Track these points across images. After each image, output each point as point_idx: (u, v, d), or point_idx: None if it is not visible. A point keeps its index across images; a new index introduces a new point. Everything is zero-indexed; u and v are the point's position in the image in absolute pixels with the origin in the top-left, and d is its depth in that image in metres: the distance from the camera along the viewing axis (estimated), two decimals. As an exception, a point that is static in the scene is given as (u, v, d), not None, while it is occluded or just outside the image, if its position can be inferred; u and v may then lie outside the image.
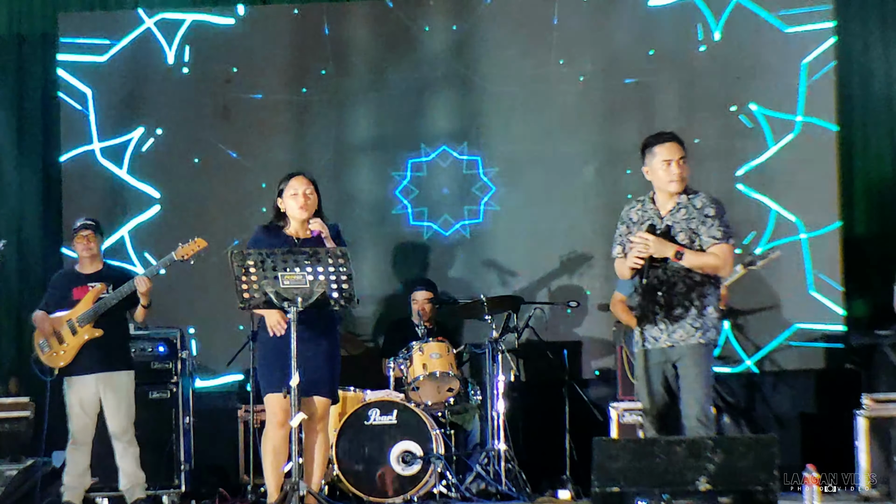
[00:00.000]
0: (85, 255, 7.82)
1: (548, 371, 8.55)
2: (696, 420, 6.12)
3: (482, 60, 9.40)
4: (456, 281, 9.35)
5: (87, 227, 7.83)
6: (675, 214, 6.26)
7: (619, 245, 6.42)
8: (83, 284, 7.74)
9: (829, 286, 8.99)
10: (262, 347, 6.76)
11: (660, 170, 6.28)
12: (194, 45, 9.46)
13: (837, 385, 8.82)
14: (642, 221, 6.31)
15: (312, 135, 9.48)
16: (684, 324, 6.19)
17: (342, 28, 9.45)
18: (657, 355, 6.25)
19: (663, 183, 6.28)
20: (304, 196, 6.64)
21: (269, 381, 6.61)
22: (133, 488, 7.72)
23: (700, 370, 6.19)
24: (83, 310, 7.64)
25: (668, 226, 6.23)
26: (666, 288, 6.19)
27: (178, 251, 7.56)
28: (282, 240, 6.62)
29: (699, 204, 6.27)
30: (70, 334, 7.64)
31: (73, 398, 7.66)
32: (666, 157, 6.27)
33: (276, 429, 6.60)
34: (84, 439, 7.68)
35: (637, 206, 6.40)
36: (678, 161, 6.26)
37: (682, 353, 6.19)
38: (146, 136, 9.41)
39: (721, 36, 9.18)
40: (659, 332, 6.22)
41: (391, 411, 7.97)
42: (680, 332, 6.19)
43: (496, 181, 9.36)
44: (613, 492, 5.60)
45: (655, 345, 6.23)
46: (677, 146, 6.30)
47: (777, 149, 9.09)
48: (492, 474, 7.97)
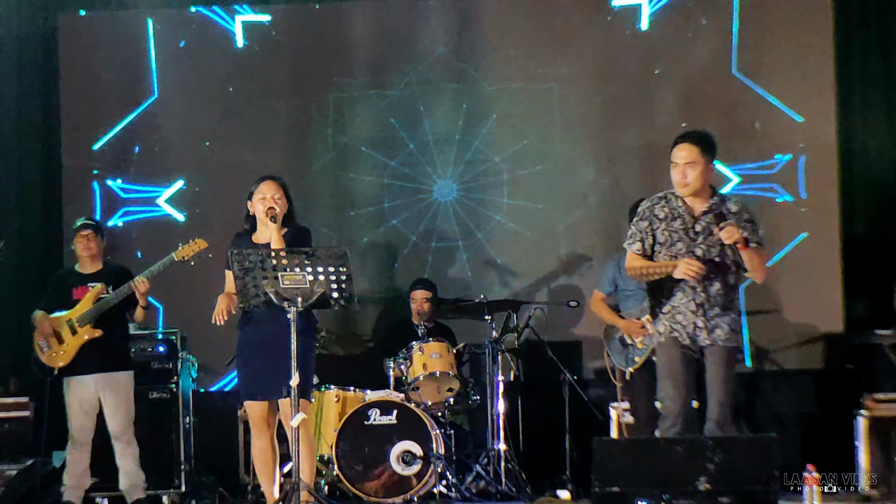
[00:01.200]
0: (85, 255, 7.82)
1: (548, 371, 8.55)
2: (716, 423, 6.11)
3: (482, 60, 9.41)
4: (456, 281, 9.36)
5: (87, 227, 7.83)
6: (708, 215, 6.20)
7: (639, 241, 6.29)
8: (83, 284, 7.74)
9: (829, 286, 8.99)
10: (238, 355, 6.74)
11: (672, 170, 6.26)
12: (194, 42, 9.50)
13: (837, 385, 8.82)
14: (672, 219, 6.23)
15: (312, 135, 9.48)
16: (722, 324, 6.17)
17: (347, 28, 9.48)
18: (689, 348, 6.20)
19: (674, 184, 6.26)
20: (271, 200, 6.63)
21: (245, 388, 6.63)
22: (133, 488, 7.72)
23: (729, 373, 6.18)
24: (83, 310, 7.64)
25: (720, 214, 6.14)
26: (702, 287, 6.17)
27: (178, 252, 7.55)
28: (250, 247, 6.58)
29: (734, 208, 6.23)
30: (70, 334, 7.64)
31: (72, 398, 7.66)
32: (673, 159, 6.24)
33: (257, 437, 6.64)
34: (84, 439, 7.68)
35: (661, 203, 6.29)
36: (683, 166, 6.19)
37: (715, 353, 6.17)
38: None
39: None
40: (696, 330, 6.18)
41: (391, 411, 7.97)
42: (718, 332, 6.17)
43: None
44: (613, 492, 5.61)
45: (687, 341, 6.20)
46: (685, 150, 6.20)
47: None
48: (492, 474, 7.98)
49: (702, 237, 6.19)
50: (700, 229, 6.18)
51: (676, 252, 6.20)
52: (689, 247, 6.18)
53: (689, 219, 6.20)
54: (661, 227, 6.23)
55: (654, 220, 6.27)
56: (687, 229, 6.18)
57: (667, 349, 6.26)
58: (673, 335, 6.21)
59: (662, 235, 6.23)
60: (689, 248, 6.18)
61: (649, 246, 6.27)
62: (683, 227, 6.19)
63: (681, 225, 6.20)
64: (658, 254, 6.24)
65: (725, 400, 6.14)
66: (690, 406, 6.27)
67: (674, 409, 6.18)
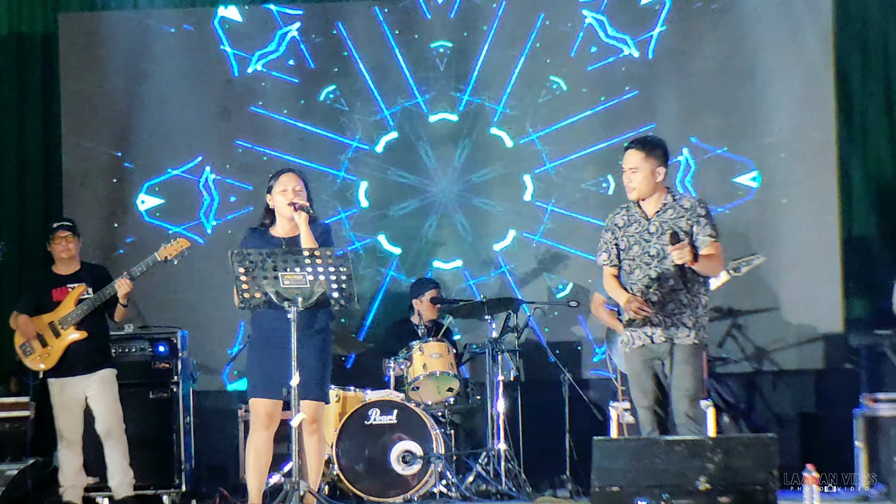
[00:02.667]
0: (63, 256, 7.80)
1: (548, 371, 8.55)
2: (685, 416, 6.14)
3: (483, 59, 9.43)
4: (456, 281, 9.36)
5: (64, 228, 7.82)
6: (661, 215, 6.29)
7: (605, 252, 6.43)
8: (62, 286, 7.73)
9: (829, 286, 8.99)
10: (250, 349, 6.69)
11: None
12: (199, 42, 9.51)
13: (837, 385, 8.83)
14: (628, 225, 6.34)
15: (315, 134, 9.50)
16: (679, 322, 6.21)
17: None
18: (648, 352, 6.26)
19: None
20: (293, 192, 6.51)
21: (255, 385, 6.54)
22: (121, 485, 7.72)
23: (692, 368, 6.20)
24: (65, 311, 7.63)
25: (678, 230, 6.20)
26: (657, 285, 6.21)
27: (161, 251, 7.50)
28: (268, 241, 6.51)
29: (687, 204, 6.31)
30: (53, 337, 7.63)
31: (58, 399, 7.67)
32: (624, 164, 6.36)
33: (258, 431, 6.52)
34: (73, 438, 7.69)
35: (622, 212, 6.42)
36: (628, 172, 6.31)
37: (674, 351, 6.20)
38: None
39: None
40: (653, 329, 6.23)
41: (391, 411, 7.97)
42: (673, 331, 6.20)
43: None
44: (613, 492, 5.61)
45: (648, 342, 6.24)
46: (629, 156, 6.33)
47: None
48: (492, 474, 7.98)
49: (655, 237, 6.27)
50: (654, 229, 6.27)
51: (633, 255, 6.31)
52: (644, 248, 6.29)
53: (643, 221, 6.29)
54: (621, 235, 6.36)
55: (615, 230, 6.41)
56: (642, 232, 6.27)
57: (631, 358, 6.37)
58: (635, 344, 6.27)
59: (623, 242, 6.36)
60: (645, 249, 6.29)
61: (615, 256, 6.37)
62: (639, 231, 6.30)
63: (636, 229, 6.32)
64: (623, 261, 6.33)
65: (692, 392, 6.17)
66: (661, 405, 6.29)
67: (646, 416, 6.29)
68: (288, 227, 6.56)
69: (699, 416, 6.29)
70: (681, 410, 6.17)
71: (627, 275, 6.33)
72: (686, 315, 6.21)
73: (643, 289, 6.24)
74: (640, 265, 6.28)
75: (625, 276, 6.35)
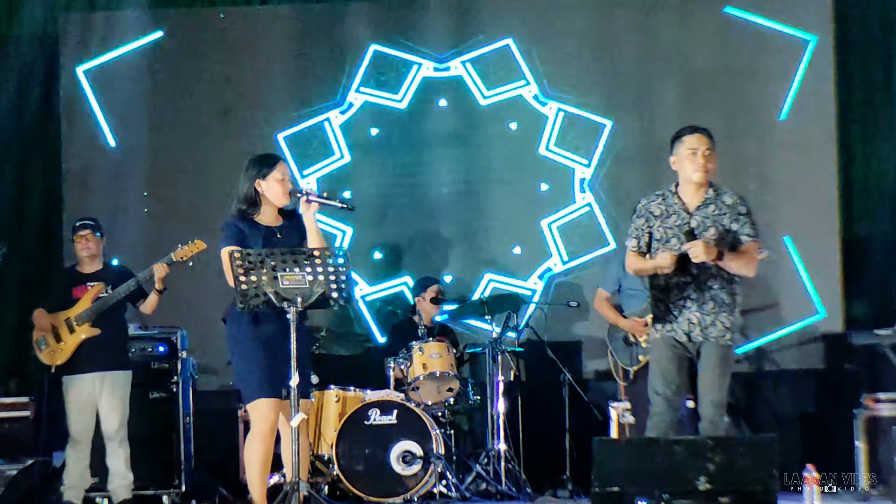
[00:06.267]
0: (84, 255, 7.82)
1: (548, 371, 8.55)
2: (710, 422, 6.11)
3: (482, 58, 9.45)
4: (456, 281, 9.35)
5: (85, 227, 7.83)
6: (703, 210, 6.20)
7: (634, 238, 6.31)
8: (82, 284, 7.75)
9: (829, 286, 8.99)
10: (237, 347, 6.34)
11: (686, 159, 6.22)
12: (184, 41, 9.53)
13: (837, 385, 8.83)
14: (666, 215, 6.24)
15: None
16: (717, 322, 6.17)
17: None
18: (680, 345, 6.20)
19: (688, 173, 6.20)
20: (291, 183, 6.40)
21: (260, 384, 6.23)
22: (120, 489, 7.71)
23: (724, 371, 6.17)
24: (81, 308, 7.65)
25: (692, 227, 6.17)
26: (696, 284, 6.16)
27: (177, 252, 7.54)
28: (256, 228, 6.33)
29: (729, 201, 6.21)
30: (68, 332, 7.65)
31: (71, 397, 7.67)
32: (693, 146, 6.20)
33: (266, 437, 6.26)
34: (83, 438, 7.68)
35: (657, 200, 6.29)
36: (704, 151, 6.19)
37: (709, 351, 6.16)
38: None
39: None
40: (690, 327, 6.17)
41: (391, 411, 7.97)
42: (711, 330, 6.16)
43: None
44: (613, 492, 5.60)
45: (685, 339, 6.19)
46: (705, 138, 6.22)
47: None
48: (492, 474, 7.98)
49: (697, 232, 6.19)
50: (695, 224, 6.18)
51: (672, 248, 6.20)
52: (683, 243, 6.19)
53: (684, 215, 6.21)
54: (657, 225, 6.25)
55: (650, 218, 6.28)
56: (682, 225, 6.19)
57: (659, 345, 6.27)
58: (668, 333, 6.22)
59: (658, 232, 6.24)
60: (684, 243, 6.18)
61: (645, 244, 6.28)
62: (678, 224, 6.20)
63: (675, 221, 6.21)
64: (657, 251, 6.25)
65: (719, 398, 6.14)
66: (680, 402, 6.27)
67: (660, 402, 6.21)
68: (273, 215, 6.41)
69: (724, 423, 6.21)
70: (707, 415, 6.13)
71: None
72: (724, 314, 6.16)
73: (681, 284, 6.18)
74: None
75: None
